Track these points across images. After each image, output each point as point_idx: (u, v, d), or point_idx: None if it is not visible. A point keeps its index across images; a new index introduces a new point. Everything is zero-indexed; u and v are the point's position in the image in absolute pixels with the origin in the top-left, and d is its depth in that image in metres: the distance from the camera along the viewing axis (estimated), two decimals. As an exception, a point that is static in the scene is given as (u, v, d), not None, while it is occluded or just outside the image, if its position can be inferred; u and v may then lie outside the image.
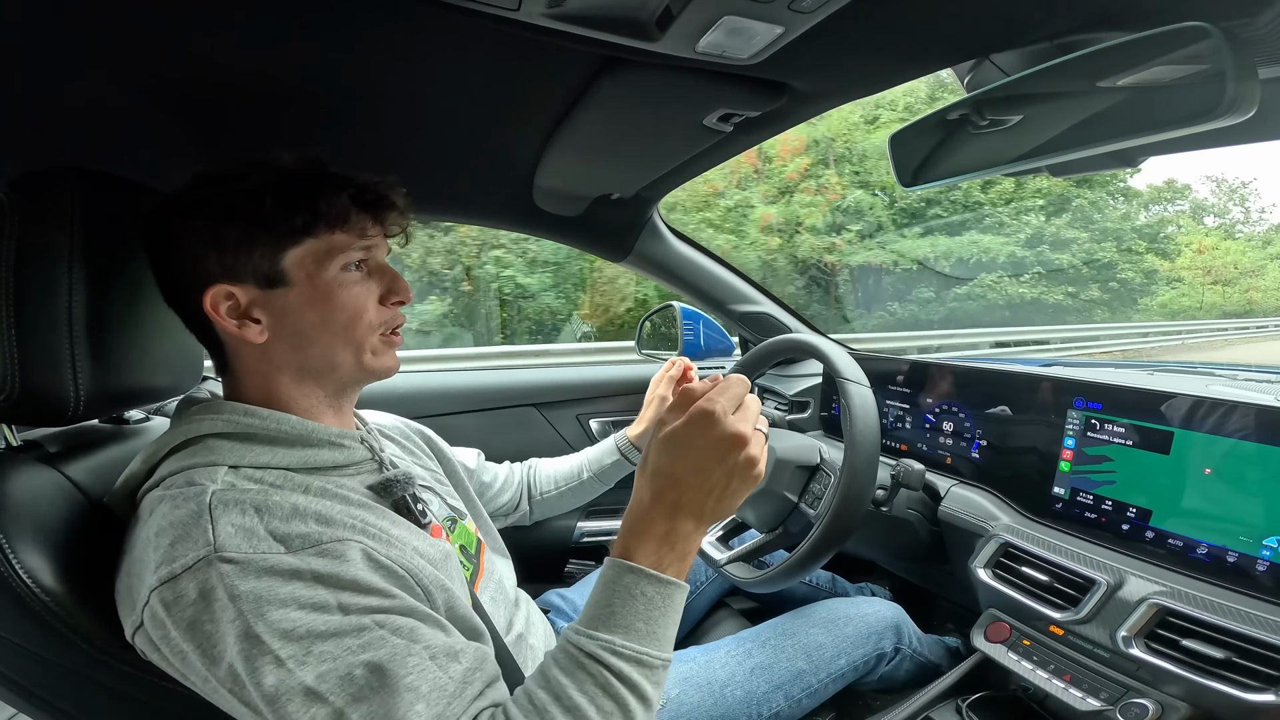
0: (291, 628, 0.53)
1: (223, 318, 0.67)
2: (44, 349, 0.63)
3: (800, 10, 0.58)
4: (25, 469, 0.65)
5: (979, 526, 1.08)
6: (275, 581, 0.55)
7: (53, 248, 0.63)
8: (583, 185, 1.26)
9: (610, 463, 1.27)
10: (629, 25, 0.65)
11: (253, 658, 0.53)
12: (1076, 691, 0.86)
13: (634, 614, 0.60)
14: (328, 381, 0.74)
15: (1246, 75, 0.48)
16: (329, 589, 0.56)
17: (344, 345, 0.71)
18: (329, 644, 0.54)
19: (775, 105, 0.84)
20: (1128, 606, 0.84)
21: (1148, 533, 0.90)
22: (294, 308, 0.68)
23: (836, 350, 1.04)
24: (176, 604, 0.54)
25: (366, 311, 0.72)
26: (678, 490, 0.62)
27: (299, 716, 0.52)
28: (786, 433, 1.15)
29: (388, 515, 0.69)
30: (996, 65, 0.71)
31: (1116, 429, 0.95)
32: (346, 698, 0.52)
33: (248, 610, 0.53)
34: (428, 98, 0.91)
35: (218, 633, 0.53)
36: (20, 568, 0.57)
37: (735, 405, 0.64)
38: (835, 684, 1.04)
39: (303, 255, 0.68)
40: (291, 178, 0.68)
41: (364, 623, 0.55)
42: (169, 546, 0.56)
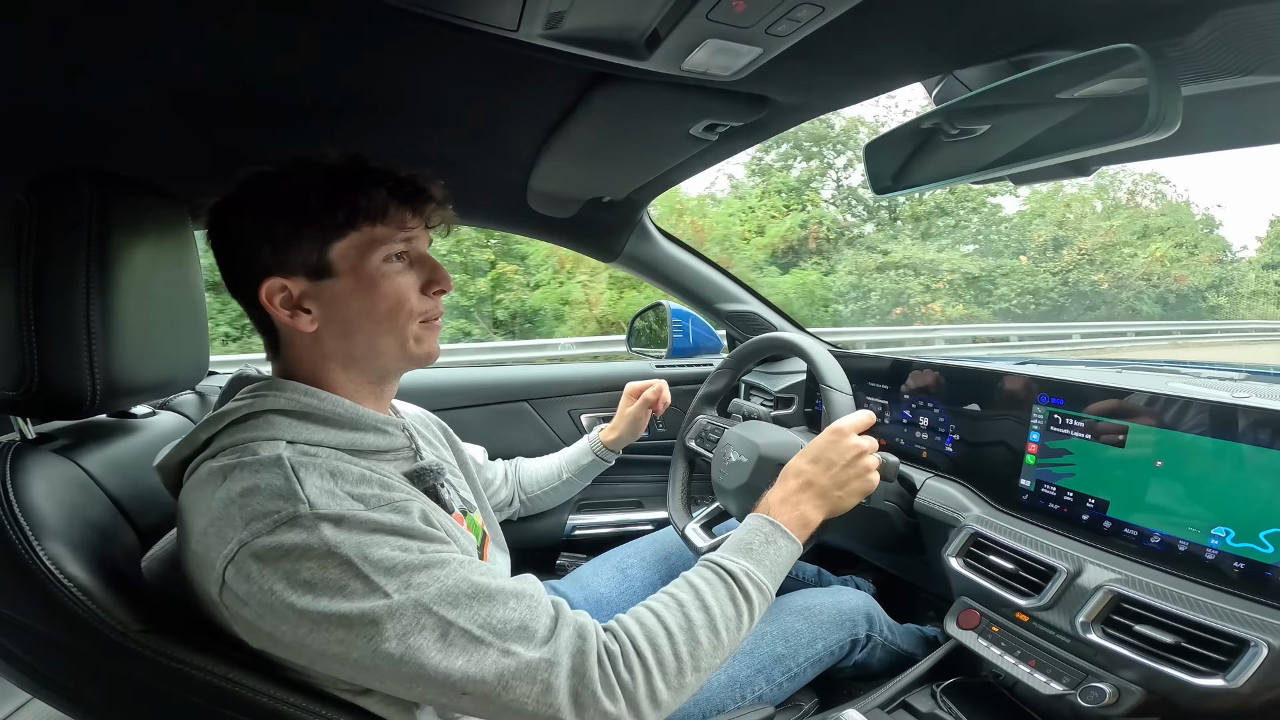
0: (390, 565, 0.60)
1: (277, 308, 0.71)
2: (63, 344, 0.65)
3: (777, 34, 0.63)
4: (44, 460, 0.67)
5: (951, 517, 1.12)
6: (364, 531, 0.60)
7: (71, 247, 0.65)
8: (575, 189, 1.30)
9: (587, 462, 1.33)
10: (619, 46, 0.70)
11: (363, 594, 0.58)
12: (1041, 676, 0.89)
13: (766, 555, 0.79)
14: (371, 368, 0.78)
15: (1170, 92, 0.52)
16: (407, 537, 0.63)
17: (387, 332, 0.75)
18: (423, 574, 0.61)
19: (757, 116, 0.88)
20: (1085, 593, 0.88)
21: (1105, 523, 0.94)
22: (341, 297, 0.72)
23: (820, 352, 1.08)
24: (271, 555, 0.58)
25: (408, 300, 0.75)
26: (811, 476, 0.86)
27: (410, 630, 0.58)
28: (771, 429, 1.18)
29: (423, 498, 0.75)
30: (960, 81, 0.75)
31: (1077, 423, 0.99)
32: (448, 606, 0.60)
33: (351, 554, 0.58)
34: (429, 106, 0.95)
35: (320, 579, 0.58)
36: (46, 557, 0.58)
37: (860, 430, 0.89)
38: (813, 668, 1.08)
39: (347, 247, 0.71)
40: (334, 174, 0.71)
41: (444, 556, 0.63)
42: (260, 504, 0.59)
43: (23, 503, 0.60)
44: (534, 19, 0.65)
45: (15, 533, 0.58)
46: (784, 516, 0.83)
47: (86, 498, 0.69)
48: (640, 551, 1.32)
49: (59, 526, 0.61)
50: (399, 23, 0.69)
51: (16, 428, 0.71)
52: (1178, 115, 0.53)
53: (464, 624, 0.60)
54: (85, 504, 0.68)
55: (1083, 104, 0.63)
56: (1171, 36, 0.57)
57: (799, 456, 0.90)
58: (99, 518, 0.68)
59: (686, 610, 0.72)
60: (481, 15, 0.65)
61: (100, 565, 0.62)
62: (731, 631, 0.73)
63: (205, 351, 0.87)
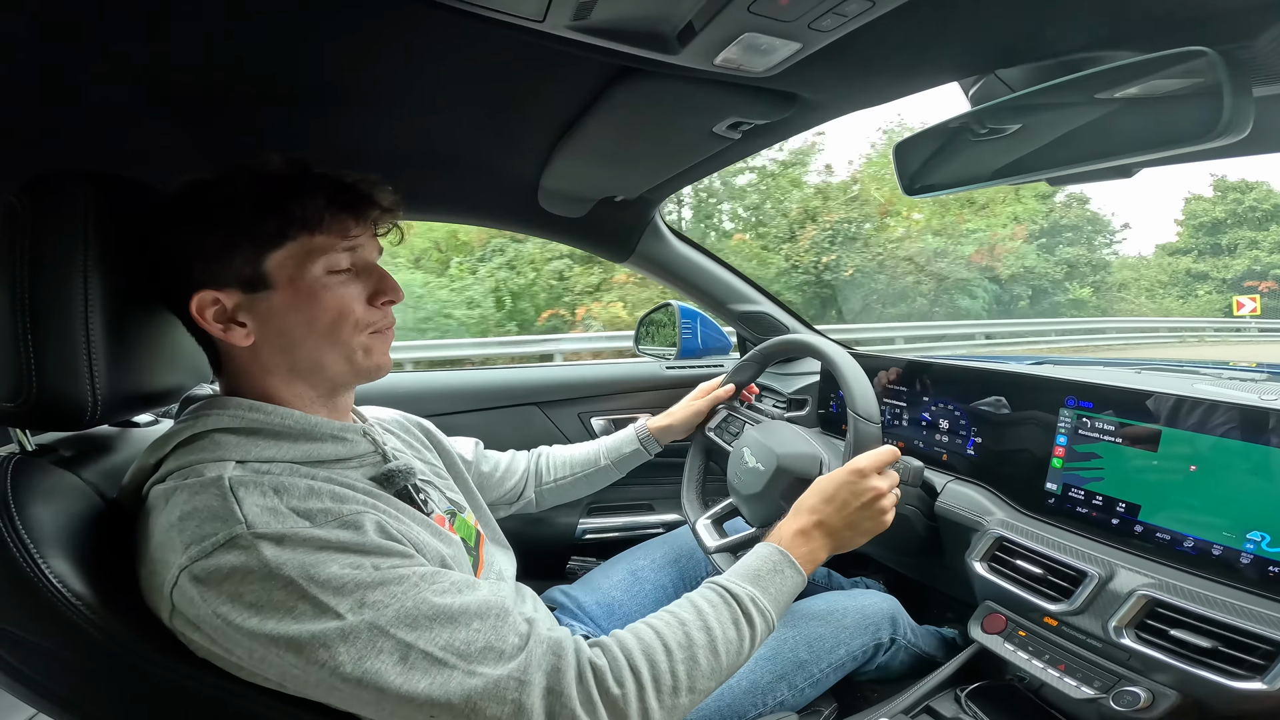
0: (341, 584, 0.57)
1: (209, 322, 0.68)
2: (61, 355, 0.63)
3: (820, 29, 0.61)
4: (45, 473, 0.65)
5: (974, 521, 1.11)
6: (309, 550, 0.58)
7: (67, 253, 0.63)
8: (588, 187, 1.28)
9: (629, 451, 1.28)
10: (650, 39, 0.67)
11: (313, 616, 0.56)
12: (1071, 680, 0.88)
13: (773, 584, 0.78)
14: (318, 381, 0.75)
15: (1242, 97, 0.51)
16: (358, 554, 0.60)
17: (330, 346, 0.72)
18: (377, 592, 0.58)
19: (784, 115, 0.86)
20: (1118, 598, 0.87)
21: (1136, 527, 0.93)
22: (278, 310, 0.69)
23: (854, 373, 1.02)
24: (211, 580, 0.56)
25: (353, 312, 0.72)
26: (826, 515, 0.84)
27: (366, 654, 0.56)
28: (791, 435, 1.14)
29: (392, 502, 0.72)
30: (1001, 80, 0.74)
31: (1106, 427, 0.98)
32: (407, 629, 0.58)
33: (295, 575, 0.56)
34: (439, 101, 0.92)
35: (265, 601, 0.56)
36: (50, 572, 0.57)
37: (880, 467, 0.87)
38: (835, 673, 1.07)
39: (284, 258, 0.68)
40: (269, 181, 0.68)
41: (401, 572, 0.61)
42: (196, 527, 0.58)
43: (25, 517, 0.58)
44: (562, 9, 0.62)
45: (18, 548, 0.56)
46: (796, 550, 0.82)
47: (89, 510, 0.67)
48: (651, 553, 1.30)
49: (62, 540, 0.60)
50: (419, 11, 0.66)
51: (16, 440, 0.69)
52: (1249, 118, 0.52)
53: (424, 646, 0.58)
54: (88, 516, 0.66)
55: (1146, 106, 0.61)
56: (1240, 39, 0.55)
57: (816, 492, 0.88)
58: (102, 530, 0.66)
59: (688, 630, 0.70)
60: (506, 5, 0.62)
61: (104, 579, 0.61)
62: (731, 655, 0.71)
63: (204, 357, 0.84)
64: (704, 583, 0.78)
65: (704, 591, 0.76)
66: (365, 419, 0.87)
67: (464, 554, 0.79)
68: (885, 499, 0.87)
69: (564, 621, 1.12)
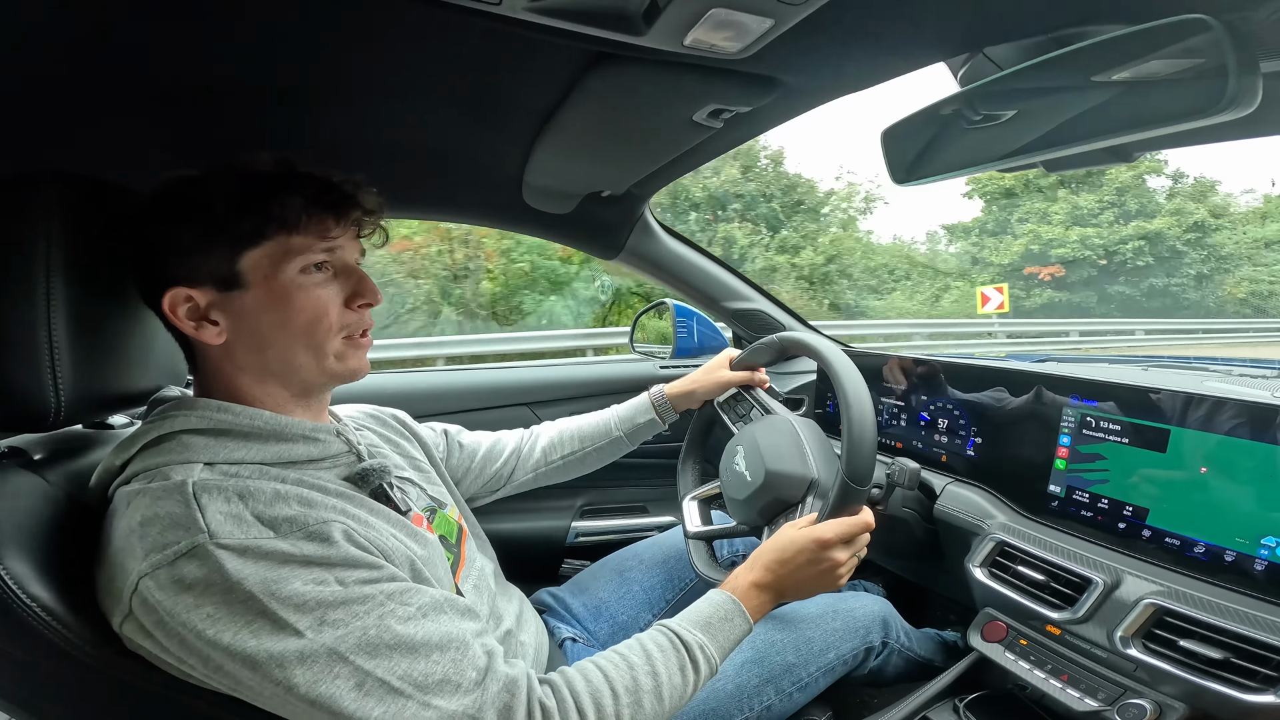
0: (302, 601, 0.57)
1: (180, 319, 0.68)
2: (21, 354, 0.62)
3: (790, 2, 0.57)
4: (8, 476, 0.65)
5: (975, 525, 1.07)
6: (272, 564, 0.58)
7: (30, 253, 0.62)
8: (572, 182, 1.25)
9: (643, 421, 1.20)
10: (614, 19, 0.64)
11: (271, 632, 0.56)
12: (1074, 691, 0.85)
13: (721, 632, 0.79)
14: (291, 382, 0.74)
15: (1248, 69, 0.47)
16: (323, 568, 0.60)
17: (304, 348, 0.71)
18: (339, 611, 0.58)
19: (766, 100, 0.82)
20: (1125, 606, 0.83)
21: (1144, 531, 0.89)
22: (251, 310, 0.68)
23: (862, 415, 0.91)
24: (172, 589, 0.56)
25: (327, 314, 0.71)
26: (780, 575, 0.84)
27: (323, 678, 0.57)
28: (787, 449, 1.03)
29: (366, 504, 0.71)
30: (990, 59, 0.70)
31: (1112, 426, 0.94)
32: (365, 656, 0.58)
33: (256, 590, 0.56)
34: (411, 95, 0.90)
35: (224, 614, 0.56)
36: (6, 575, 0.57)
37: (847, 538, 0.85)
38: (825, 678, 1.03)
39: (259, 257, 0.67)
40: (250, 179, 0.67)
41: (366, 591, 0.60)
42: (158, 534, 0.57)
43: None
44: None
45: None
46: (749, 602, 0.83)
47: (54, 512, 0.66)
48: (639, 554, 1.27)
49: (21, 542, 0.60)
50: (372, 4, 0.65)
51: None
52: (1256, 92, 0.48)
53: (382, 675, 0.58)
54: (52, 518, 0.65)
55: (1135, 82, 0.57)
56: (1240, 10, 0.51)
57: (776, 549, 0.86)
58: (67, 533, 0.65)
59: (636, 674, 0.71)
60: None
61: (66, 583, 0.60)
62: (674, 700, 0.73)
63: (180, 359, 0.82)
64: (655, 625, 0.79)
65: (654, 635, 0.77)
66: (340, 419, 0.86)
67: (440, 553, 0.77)
68: (841, 568, 0.86)
69: (551, 624, 1.10)
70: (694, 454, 1.27)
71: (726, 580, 0.87)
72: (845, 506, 0.88)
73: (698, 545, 1.14)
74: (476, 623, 0.70)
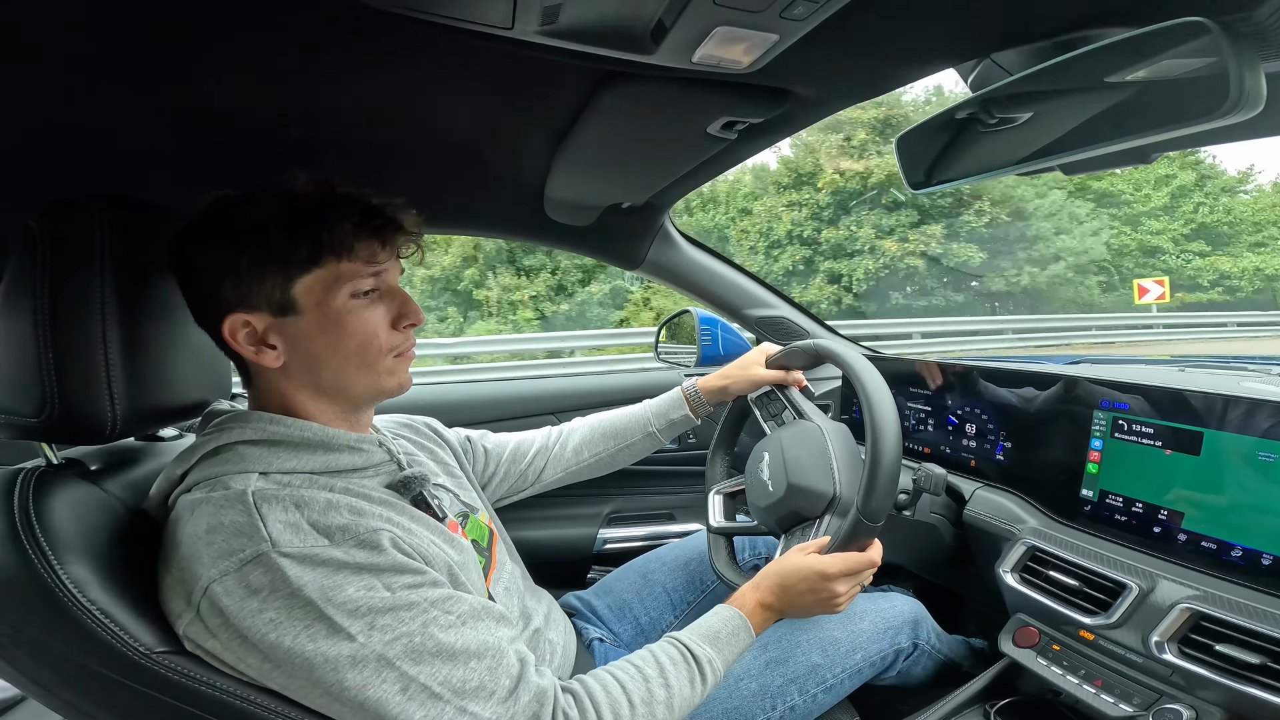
0: (355, 606, 0.61)
1: (241, 345, 0.70)
2: (81, 371, 0.65)
3: (793, 18, 0.58)
4: (68, 486, 0.67)
5: (1005, 530, 1.06)
6: (329, 570, 0.61)
7: (85, 274, 0.65)
8: (592, 195, 1.26)
9: (677, 416, 1.17)
10: (623, 39, 0.65)
11: (326, 636, 0.60)
12: (1108, 697, 0.84)
13: (728, 646, 0.82)
14: (342, 400, 0.76)
15: (1250, 70, 0.47)
16: (373, 574, 0.63)
17: (356, 369, 0.73)
18: (387, 617, 0.62)
19: (778, 111, 0.83)
20: (1160, 611, 0.82)
21: (1180, 535, 0.87)
22: (306, 334, 0.70)
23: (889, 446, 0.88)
24: (238, 594, 0.59)
25: (377, 337, 0.73)
26: (783, 598, 0.87)
27: (371, 682, 0.60)
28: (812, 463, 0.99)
29: (407, 511, 0.74)
30: (999, 65, 0.69)
31: (1145, 429, 0.92)
32: (410, 662, 0.62)
33: (315, 596, 0.60)
34: (432, 117, 0.92)
35: (285, 618, 0.59)
36: (68, 579, 0.59)
37: (850, 573, 0.86)
38: (852, 680, 1.01)
39: (312, 283, 0.69)
40: (297, 205, 0.69)
41: (411, 598, 0.64)
42: (224, 542, 0.61)
43: (45, 527, 0.61)
44: (528, 14, 0.60)
45: (38, 556, 0.59)
46: (753, 618, 0.86)
47: (111, 520, 0.69)
48: (662, 558, 1.27)
49: (82, 549, 0.62)
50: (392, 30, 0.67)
51: (42, 453, 0.72)
52: (1260, 94, 0.48)
53: (424, 680, 0.62)
54: (109, 527, 0.68)
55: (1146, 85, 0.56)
56: (1238, 11, 0.51)
57: (780, 574, 0.88)
58: (123, 540, 0.68)
59: (651, 686, 0.74)
60: (473, 14, 0.62)
61: (123, 588, 0.63)
62: (683, 710, 0.76)
63: (226, 373, 0.87)
64: (666, 637, 0.82)
65: (667, 649, 0.79)
66: (379, 429, 0.88)
67: (473, 558, 0.80)
68: (840, 598, 0.87)
69: (579, 625, 1.11)
70: (724, 447, 1.25)
71: (734, 596, 0.89)
72: (855, 540, 0.87)
73: (718, 543, 1.14)
74: (510, 629, 0.73)
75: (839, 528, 0.89)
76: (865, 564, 0.87)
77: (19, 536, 0.60)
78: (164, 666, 0.61)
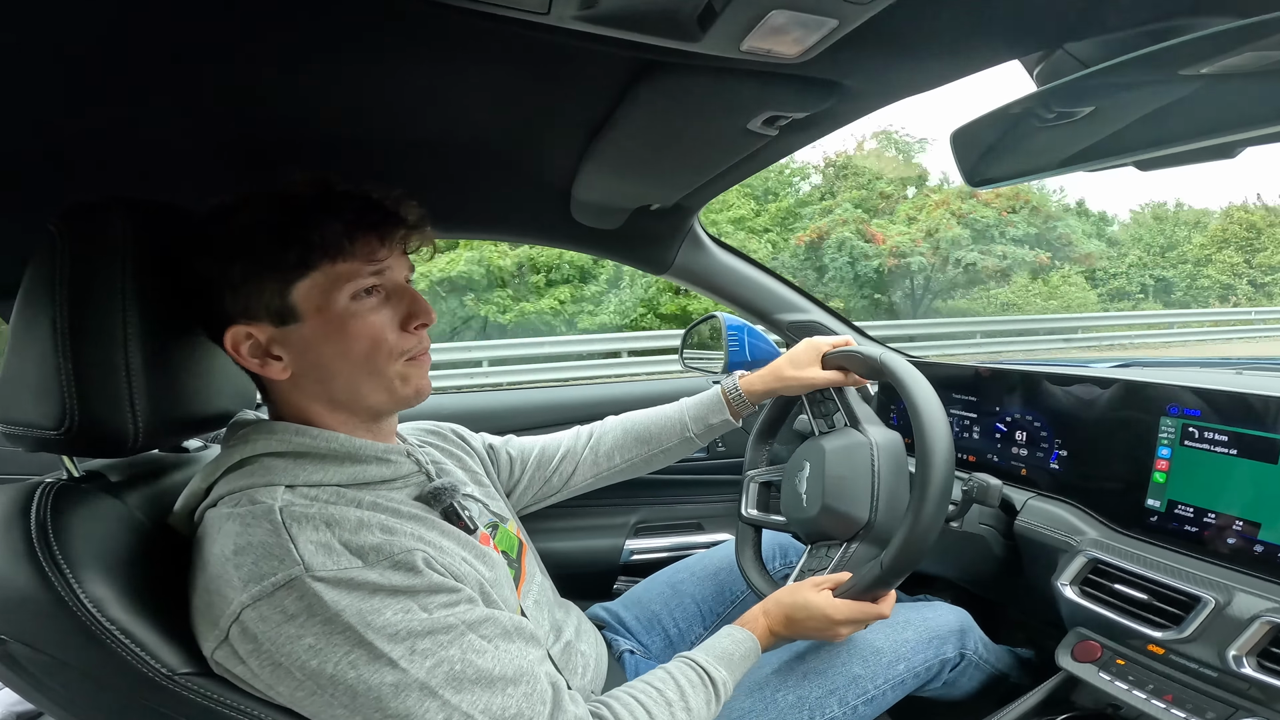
0: (394, 631, 0.59)
1: (244, 358, 0.68)
2: (101, 383, 0.63)
3: (856, 1, 0.54)
4: (88, 499, 0.65)
5: (1062, 541, 1.01)
6: (364, 595, 0.59)
7: (106, 281, 0.63)
8: (621, 197, 1.23)
9: (717, 421, 1.09)
10: (668, 24, 0.61)
11: (367, 662, 0.58)
12: (1179, 712, 0.81)
13: (740, 667, 0.85)
14: (359, 410, 0.73)
15: None
16: (408, 597, 0.61)
17: (366, 376, 0.70)
18: (427, 641, 0.60)
19: (824, 106, 0.79)
20: (1238, 624, 0.78)
21: (1256, 547, 0.82)
22: (311, 342, 0.67)
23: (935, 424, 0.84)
24: (272, 619, 0.57)
25: (385, 339, 0.69)
26: (790, 628, 0.89)
27: (414, 711, 0.59)
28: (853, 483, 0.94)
29: (437, 525, 0.72)
30: (1072, 55, 0.65)
31: (1218, 437, 0.87)
32: (452, 690, 0.60)
33: (354, 621, 0.58)
34: (459, 114, 0.89)
35: (324, 644, 0.57)
36: (86, 598, 0.57)
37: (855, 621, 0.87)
38: (895, 691, 0.97)
39: (309, 288, 0.66)
40: (286, 206, 0.65)
41: (448, 620, 0.62)
42: (253, 564, 0.58)
43: (63, 543, 0.59)
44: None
45: (54, 573, 0.57)
46: (764, 642, 0.89)
47: (133, 535, 0.67)
48: (691, 568, 1.24)
49: (102, 567, 0.61)
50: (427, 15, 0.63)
51: (64, 466, 0.70)
52: None
53: (466, 708, 0.61)
54: (131, 541, 0.66)
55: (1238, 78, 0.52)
56: None
57: (789, 606, 0.89)
58: (148, 556, 0.66)
59: (673, 710, 0.75)
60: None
61: (145, 606, 0.61)
62: None
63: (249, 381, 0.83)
64: (680, 658, 0.83)
65: (684, 670, 0.80)
66: (405, 438, 0.85)
67: (505, 573, 0.78)
68: (841, 637, 0.89)
69: (608, 637, 1.08)
70: (766, 434, 1.18)
71: (746, 617, 0.91)
72: (870, 591, 0.86)
73: (745, 535, 1.12)
74: (539, 649, 0.71)
75: (859, 574, 0.88)
76: (873, 615, 0.88)
77: (35, 554, 0.58)
78: (186, 688, 0.60)
